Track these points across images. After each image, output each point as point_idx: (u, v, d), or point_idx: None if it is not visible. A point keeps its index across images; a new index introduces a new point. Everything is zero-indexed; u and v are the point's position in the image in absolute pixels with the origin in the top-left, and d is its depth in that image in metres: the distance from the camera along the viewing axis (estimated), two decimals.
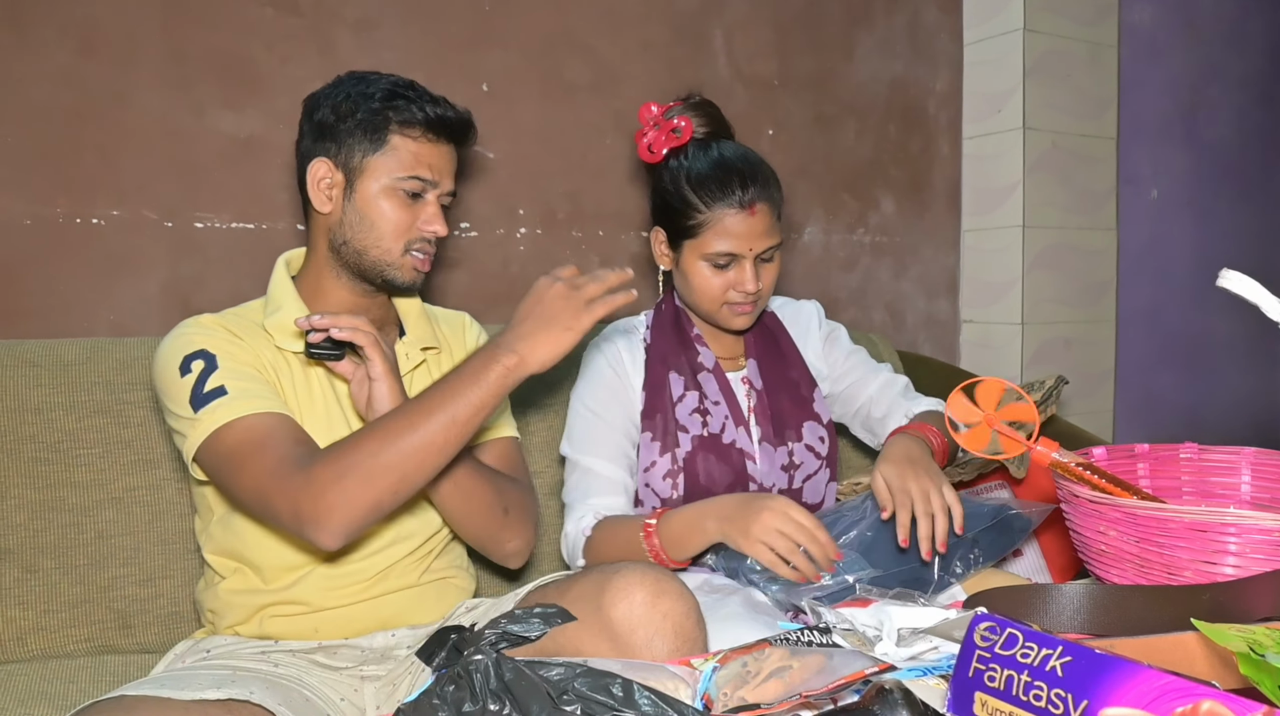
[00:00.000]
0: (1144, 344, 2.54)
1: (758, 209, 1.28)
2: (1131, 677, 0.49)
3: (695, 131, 1.35)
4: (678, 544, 1.18)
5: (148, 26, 1.51)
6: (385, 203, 1.15)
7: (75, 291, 1.50)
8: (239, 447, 1.03)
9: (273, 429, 1.04)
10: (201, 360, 1.07)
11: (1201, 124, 2.63)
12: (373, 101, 1.15)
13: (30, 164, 1.45)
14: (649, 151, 1.37)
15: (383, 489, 0.99)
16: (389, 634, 1.16)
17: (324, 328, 1.05)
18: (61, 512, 1.30)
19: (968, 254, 2.38)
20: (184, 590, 1.34)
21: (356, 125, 1.15)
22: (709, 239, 1.29)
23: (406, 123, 1.15)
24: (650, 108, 1.38)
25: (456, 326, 1.37)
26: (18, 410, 1.29)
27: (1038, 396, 1.69)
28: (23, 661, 1.25)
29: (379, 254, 1.16)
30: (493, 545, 1.22)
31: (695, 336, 1.39)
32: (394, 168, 1.15)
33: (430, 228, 1.17)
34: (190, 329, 1.12)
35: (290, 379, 1.15)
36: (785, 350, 1.43)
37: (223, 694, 0.90)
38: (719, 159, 1.31)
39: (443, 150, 1.19)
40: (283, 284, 1.20)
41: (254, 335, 1.15)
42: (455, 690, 0.61)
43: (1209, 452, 1.12)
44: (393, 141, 1.15)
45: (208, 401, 1.05)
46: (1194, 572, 0.87)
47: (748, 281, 1.29)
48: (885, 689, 0.63)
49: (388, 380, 1.07)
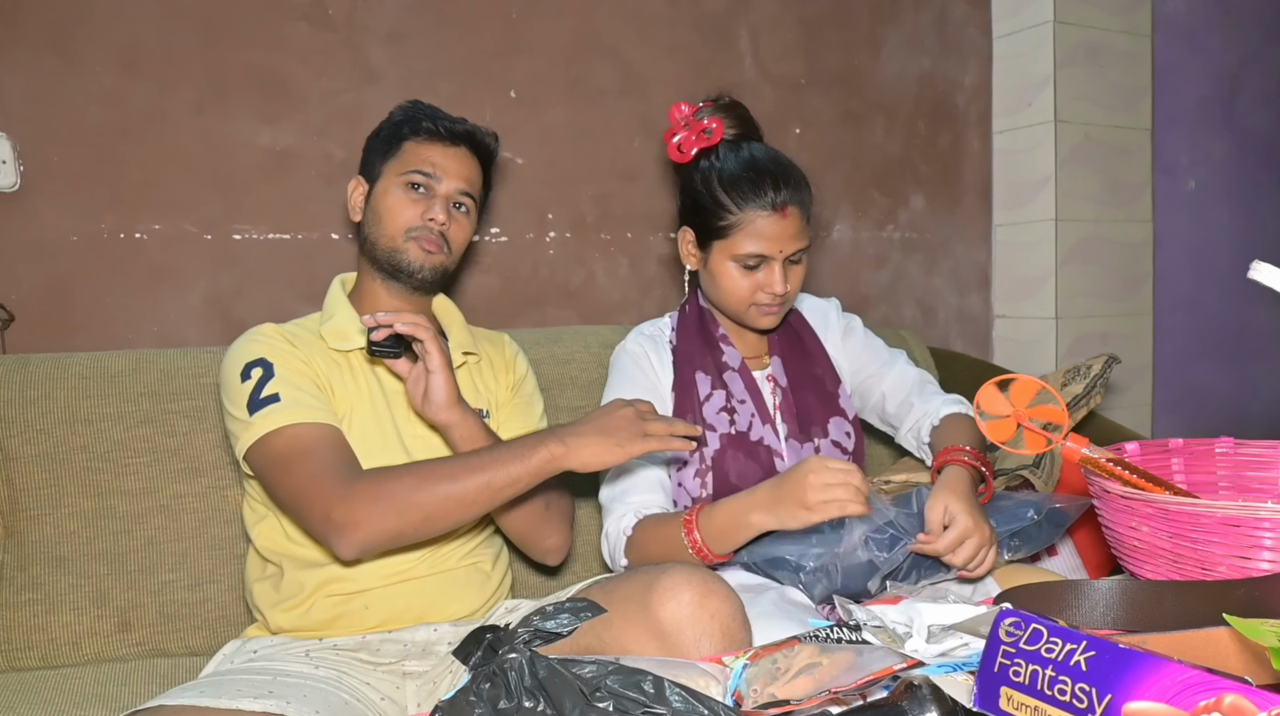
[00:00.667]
0: (1183, 337, 2.50)
1: (789, 212, 1.28)
2: (1155, 671, 0.50)
3: (726, 133, 1.35)
4: (720, 538, 1.17)
5: (187, 46, 1.56)
6: (391, 196, 1.27)
7: (121, 304, 1.54)
8: (286, 452, 1.10)
9: (320, 439, 1.12)
10: (260, 368, 1.16)
11: (1239, 112, 2.59)
12: (394, 121, 1.31)
13: (77, 182, 1.50)
14: (679, 151, 1.37)
15: (409, 522, 1.07)
16: (431, 628, 1.19)
17: (388, 323, 1.13)
18: (112, 520, 1.34)
19: (1000, 249, 2.36)
20: (231, 594, 1.38)
21: (381, 142, 1.31)
22: (739, 240, 1.29)
23: (416, 130, 1.29)
24: (681, 108, 1.39)
25: (498, 343, 1.43)
26: (69, 421, 1.34)
27: (1083, 384, 1.66)
28: (77, 665, 1.29)
29: (387, 242, 1.27)
30: (534, 540, 1.29)
31: (720, 336, 1.40)
32: (401, 166, 1.27)
33: (429, 215, 1.26)
34: (254, 337, 1.21)
35: (342, 379, 1.23)
36: (810, 347, 1.44)
37: (260, 706, 0.93)
38: (751, 160, 1.31)
39: (450, 151, 1.29)
40: (337, 295, 1.31)
41: (310, 343, 1.23)
42: (491, 688, 0.63)
43: (1245, 447, 1.11)
44: (403, 147, 1.28)
45: (262, 406, 1.13)
46: (1228, 568, 0.86)
47: (776, 283, 1.29)
48: (914, 685, 0.63)
49: (444, 372, 1.15)
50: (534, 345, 1.59)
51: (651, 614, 0.97)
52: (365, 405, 1.22)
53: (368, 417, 1.21)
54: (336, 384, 1.22)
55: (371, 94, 1.66)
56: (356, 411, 1.21)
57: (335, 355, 1.24)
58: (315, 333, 1.26)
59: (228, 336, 1.59)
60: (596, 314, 1.89)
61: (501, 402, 1.36)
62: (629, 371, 1.39)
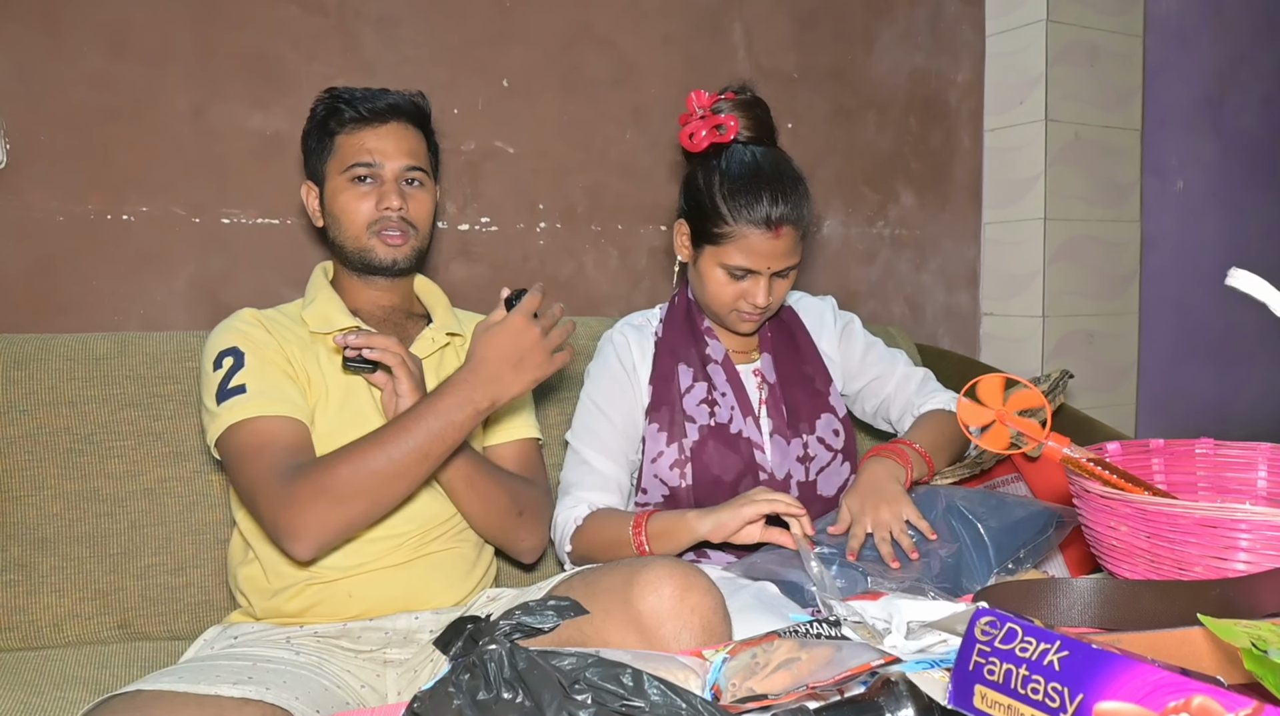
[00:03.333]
0: (1168, 337, 2.52)
1: (783, 231, 1.28)
2: (1126, 672, 0.51)
3: (739, 133, 1.34)
4: (661, 538, 1.22)
5: (177, 28, 1.54)
6: (342, 196, 1.25)
7: (107, 286, 1.53)
8: (243, 448, 1.12)
9: (275, 436, 1.12)
10: (231, 357, 1.17)
11: (1229, 114, 2.60)
12: (318, 118, 1.28)
13: (64, 162, 1.49)
14: (689, 139, 1.35)
15: (354, 511, 1.09)
16: (412, 616, 1.19)
17: (358, 347, 1.13)
18: (96, 503, 1.34)
19: (989, 246, 2.37)
20: (214, 578, 1.37)
21: (315, 143, 1.28)
22: (730, 251, 1.29)
23: (341, 122, 1.25)
24: (701, 95, 1.36)
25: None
26: (53, 403, 1.33)
27: (1043, 387, 1.68)
28: (59, 647, 1.29)
29: (353, 243, 1.26)
30: (507, 543, 1.31)
31: (706, 329, 1.41)
32: (340, 164, 1.25)
33: (384, 204, 1.24)
34: (232, 323, 1.22)
35: (319, 364, 1.23)
36: (801, 344, 1.45)
37: (238, 691, 0.93)
38: (756, 169, 1.29)
39: (382, 131, 1.25)
40: (319, 281, 1.31)
41: (288, 328, 1.24)
42: (470, 679, 0.63)
43: (1225, 448, 1.12)
44: (336, 142, 1.26)
45: (229, 397, 1.14)
46: (1204, 568, 0.87)
47: (759, 296, 1.30)
48: (891, 681, 0.64)
49: (413, 397, 1.14)
50: None
51: (632, 606, 0.98)
52: (342, 389, 1.22)
53: (344, 401, 1.22)
54: (313, 369, 1.22)
55: (363, 79, 1.65)
56: (332, 395, 1.21)
57: (314, 341, 1.24)
58: (296, 318, 1.26)
59: (214, 321, 1.57)
60: (586, 305, 1.89)
61: None
62: (609, 361, 1.42)
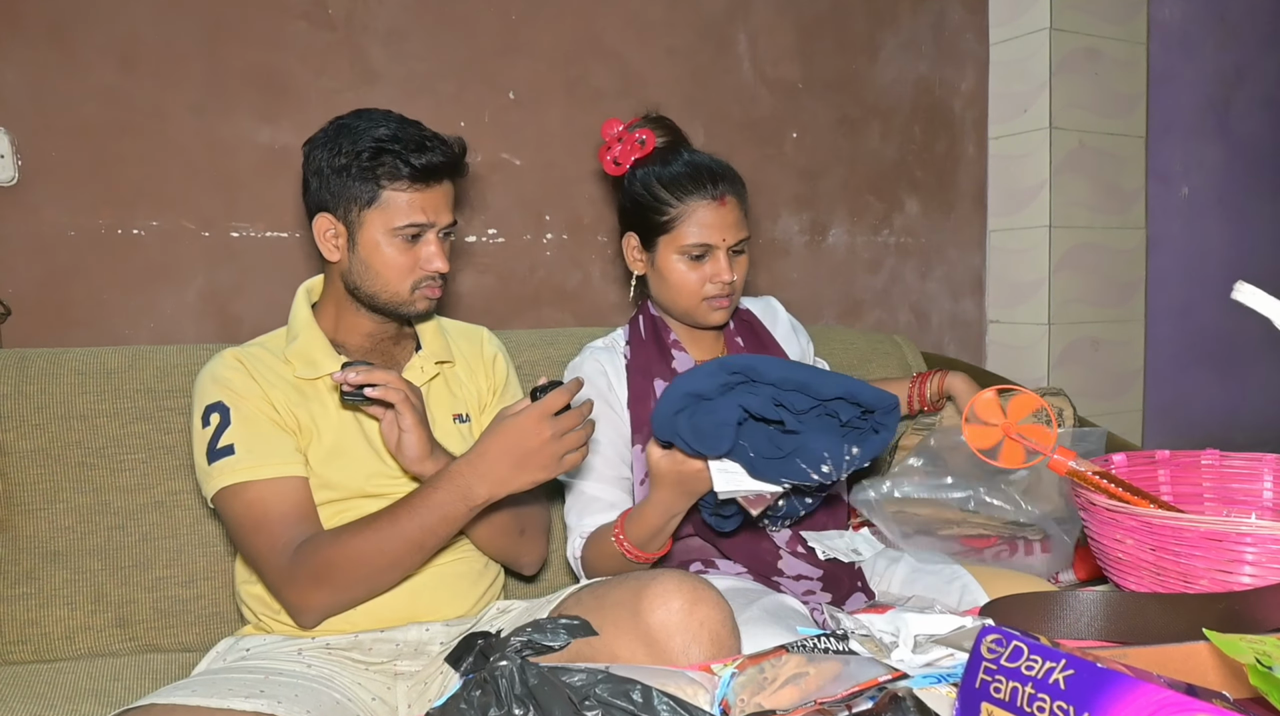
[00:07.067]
0: (1174, 344, 2.52)
1: (728, 201, 1.34)
2: (1131, 691, 0.51)
3: (657, 142, 1.42)
4: (636, 523, 1.21)
5: (187, 43, 1.56)
6: (386, 251, 1.19)
7: (118, 300, 1.55)
8: (240, 520, 1.13)
9: (270, 505, 1.13)
10: (217, 413, 1.15)
11: (1234, 120, 2.60)
12: (361, 160, 1.17)
13: (75, 178, 1.51)
14: (614, 164, 1.44)
15: (353, 596, 1.14)
16: (423, 627, 1.20)
17: (358, 383, 1.11)
18: (107, 516, 1.34)
19: (994, 254, 2.38)
20: (225, 591, 1.38)
21: (350, 180, 1.18)
22: (684, 231, 1.34)
23: (394, 177, 1.17)
24: (616, 124, 1.45)
25: (475, 340, 1.40)
26: (65, 417, 1.34)
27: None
28: (71, 659, 1.30)
29: (389, 297, 1.22)
30: (510, 560, 1.32)
31: (673, 342, 1.41)
32: (389, 219, 1.18)
33: (431, 266, 1.21)
34: (215, 371, 1.19)
35: (308, 408, 1.20)
36: (766, 342, 1.49)
37: (251, 705, 0.94)
38: (688, 160, 1.38)
39: (435, 192, 1.20)
40: (301, 314, 1.26)
41: (273, 370, 1.21)
42: (481, 695, 0.64)
43: (1230, 459, 1.12)
44: (384, 197, 1.18)
45: (219, 457, 1.14)
46: (1210, 581, 0.87)
47: (724, 271, 1.34)
48: (898, 697, 0.64)
49: (416, 431, 1.13)
50: (530, 346, 1.60)
51: (641, 619, 0.98)
52: (338, 427, 1.20)
53: (343, 439, 1.20)
54: (302, 415, 1.19)
55: (371, 94, 1.66)
56: (324, 437, 1.19)
57: (302, 381, 1.21)
58: (280, 355, 1.22)
59: (224, 334, 1.60)
60: (592, 315, 1.90)
61: (485, 404, 1.35)
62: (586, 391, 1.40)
